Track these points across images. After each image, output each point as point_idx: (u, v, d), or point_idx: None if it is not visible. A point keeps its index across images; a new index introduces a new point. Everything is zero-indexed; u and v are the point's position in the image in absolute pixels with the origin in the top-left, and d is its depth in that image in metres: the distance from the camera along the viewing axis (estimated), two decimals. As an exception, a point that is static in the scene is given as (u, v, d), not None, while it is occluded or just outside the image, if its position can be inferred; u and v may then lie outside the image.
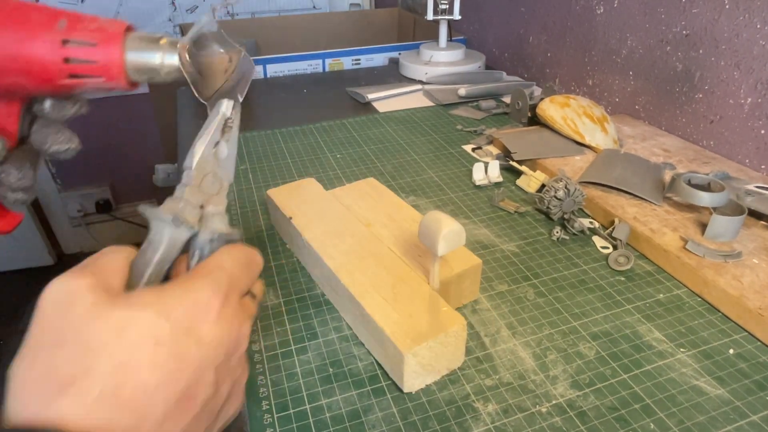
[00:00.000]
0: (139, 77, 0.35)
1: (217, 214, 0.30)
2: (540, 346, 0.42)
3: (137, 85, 0.35)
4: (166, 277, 0.27)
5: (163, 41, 0.35)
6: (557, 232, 0.55)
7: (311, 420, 0.36)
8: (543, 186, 0.62)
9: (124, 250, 0.26)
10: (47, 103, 0.36)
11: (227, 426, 0.30)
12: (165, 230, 0.27)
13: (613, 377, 0.39)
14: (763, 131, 0.63)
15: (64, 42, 0.32)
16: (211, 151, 0.31)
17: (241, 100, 0.35)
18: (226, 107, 0.32)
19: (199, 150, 0.30)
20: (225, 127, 0.33)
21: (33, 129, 0.37)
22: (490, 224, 0.58)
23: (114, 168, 1.89)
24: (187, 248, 0.28)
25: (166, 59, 0.35)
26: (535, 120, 0.76)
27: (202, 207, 0.29)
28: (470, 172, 0.68)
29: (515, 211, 0.59)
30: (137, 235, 2.02)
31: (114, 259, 0.25)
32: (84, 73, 0.33)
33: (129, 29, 0.34)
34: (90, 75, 0.34)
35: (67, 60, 0.33)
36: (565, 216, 0.57)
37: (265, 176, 0.68)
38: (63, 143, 0.37)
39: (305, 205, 0.52)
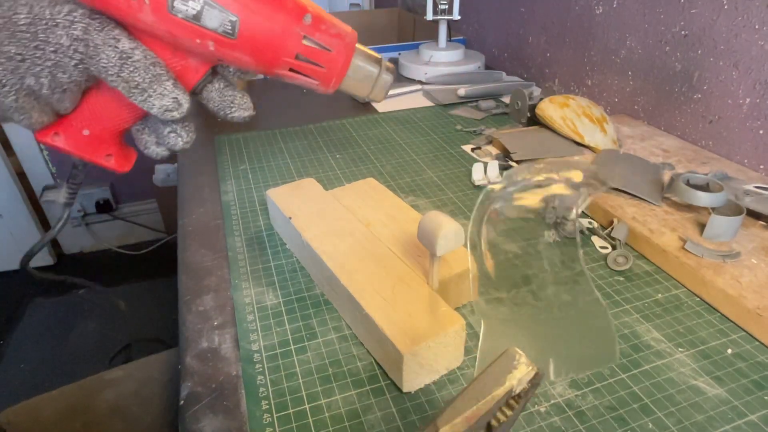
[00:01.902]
0: (346, 90, 0.36)
1: None
2: (539, 345, 0.42)
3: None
4: None
5: (382, 61, 0.35)
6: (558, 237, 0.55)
7: (311, 420, 0.36)
8: (542, 186, 0.62)
9: None
10: (233, 67, 0.35)
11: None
12: None
13: (611, 377, 0.39)
14: (761, 131, 0.64)
15: (304, 38, 0.31)
16: None
17: (551, 379, 0.29)
18: (521, 375, 0.21)
19: None
20: (508, 402, 0.21)
21: (212, 90, 0.35)
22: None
23: (114, 168, 1.89)
24: None
25: (380, 83, 0.35)
26: (534, 120, 0.77)
27: None
28: (470, 172, 0.68)
29: (514, 211, 0.60)
30: (137, 234, 2.02)
31: None
32: (304, 72, 0.33)
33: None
34: (308, 75, 0.33)
35: (297, 56, 0.32)
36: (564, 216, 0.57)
37: (265, 176, 0.69)
38: (246, 110, 0.36)
39: (305, 205, 0.52)
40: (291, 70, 0.33)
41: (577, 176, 0.28)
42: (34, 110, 0.31)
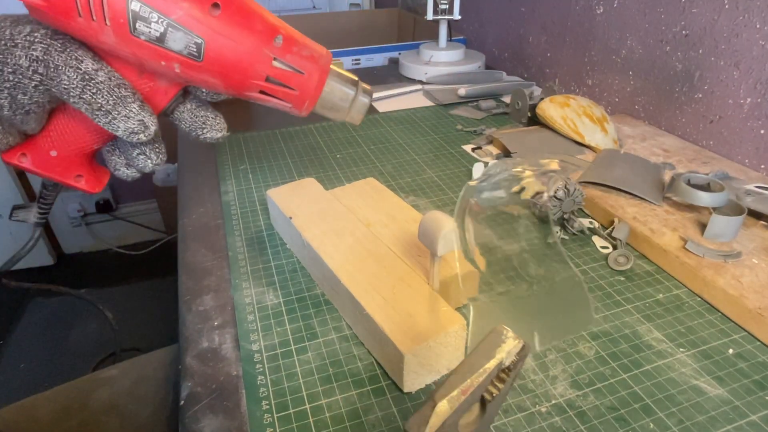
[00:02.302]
0: (321, 113, 0.35)
1: None
2: (540, 345, 0.42)
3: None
4: None
5: (360, 84, 0.35)
6: (557, 232, 0.55)
7: (311, 420, 0.36)
8: (543, 186, 0.62)
9: None
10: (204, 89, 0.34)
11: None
12: None
13: (612, 377, 0.39)
14: (762, 131, 0.63)
15: (274, 60, 0.31)
16: (459, 417, 0.21)
17: (538, 349, 0.29)
18: (509, 348, 0.22)
19: (439, 414, 0.21)
20: (498, 375, 0.22)
21: (184, 111, 0.34)
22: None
23: (114, 168, 1.89)
24: None
25: (356, 105, 0.34)
26: (534, 120, 0.77)
27: None
28: (470, 172, 0.68)
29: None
30: (137, 234, 2.02)
31: None
32: (275, 95, 0.32)
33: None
34: (279, 98, 0.32)
35: (267, 79, 0.31)
36: (564, 216, 0.57)
37: (265, 176, 0.68)
38: (219, 131, 0.35)
39: (305, 205, 0.52)
40: (262, 92, 0.32)
41: (553, 165, 0.29)
42: None
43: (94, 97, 0.29)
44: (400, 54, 1.13)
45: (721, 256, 0.48)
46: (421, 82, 1.02)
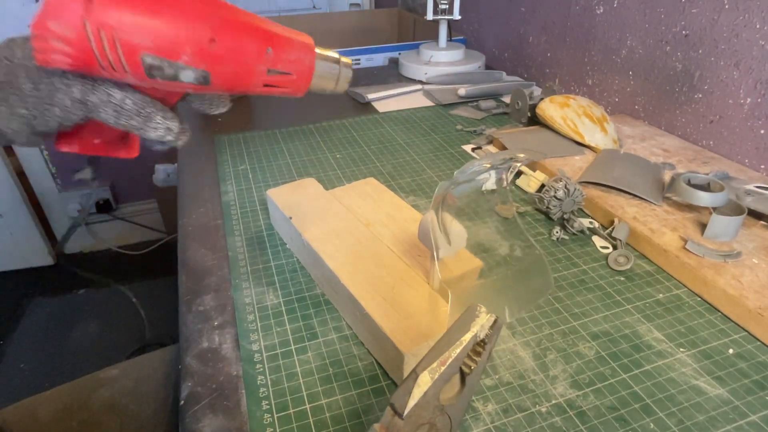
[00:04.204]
0: (314, 90, 0.42)
1: None
2: (540, 345, 0.42)
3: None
4: None
5: (340, 60, 0.42)
6: (557, 232, 0.55)
7: (311, 420, 0.36)
8: (543, 186, 0.62)
9: None
10: None
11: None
12: None
13: (612, 377, 0.39)
14: (762, 131, 0.64)
15: (268, 71, 0.38)
16: (438, 389, 0.22)
17: (509, 320, 0.32)
18: (483, 323, 0.24)
19: (422, 385, 0.21)
20: (473, 349, 0.24)
21: (194, 97, 0.41)
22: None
23: (114, 168, 1.89)
24: None
25: (342, 78, 0.42)
26: (534, 120, 0.77)
27: None
28: (470, 172, 0.68)
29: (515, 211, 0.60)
30: (137, 234, 2.02)
31: None
32: (273, 93, 0.40)
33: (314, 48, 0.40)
34: (277, 93, 0.40)
35: (265, 84, 0.38)
36: (564, 216, 0.57)
37: (265, 176, 0.68)
38: (225, 105, 0.43)
39: (305, 205, 0.52)
40: (265, 86, 0.39)
41: (519, 157, 0.31)
42: (41, 143, 0.38)
43: (127, 120, 0.35)
44: (400, 54, 1.13)
45: (721, 256, 0.48)
46: (421, 82, 1.02)
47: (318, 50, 0.41)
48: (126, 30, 0.32)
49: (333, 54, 0.42)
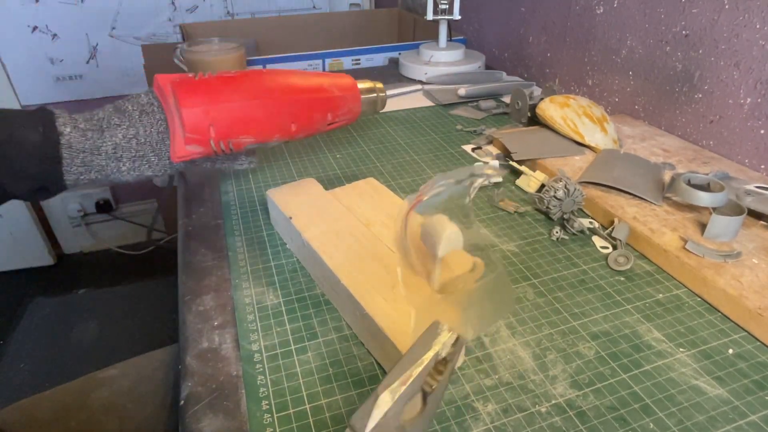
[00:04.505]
0: (363, 116, 0.56)
1: None
2: (539, 346, 0.42)
3: None
4: None
5: (375, 86, 0.57)
6: (557, 232, 0.55)
7: (311, 420, 0.36)
8: (543, 186, 0.62)
9: None
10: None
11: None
12: None
13: (612, 377, 0.39)
14: (762, 131, 0.64)
15: (329, 124, 0.52)
16: (401, 408, 0.21)
17: (471, 338, 0.32)
18: (444, 341, 0.23)
19: (382, 406, 0.20)
20: (436, 366, 0.23)
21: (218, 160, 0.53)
22: (490, 224, 0.58)
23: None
24: None
25: (380, 102, 0.57)
26: (534, 120, 0.77)
27: None
28: (470, 172, 0.68)
29: (515, 211, 0.60)
30: (137, 234, 2.02)
31: None
32: (334, 125, 0.53)
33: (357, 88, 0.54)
34: (337, 125, 0.53)
35: (328, 132, 0.56)
36: (564, 216, 0.57)
37: (265, 176, 0.68)
38: (245, 165, 0.54)
39: (305, 205, 0.52)
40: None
41: (484, 173, 0.31)
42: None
43: (221, 165, 0.53)
44: (400, 54, 1.13)
45: (721, 256, 0.48)
46: (421, 82, 1.02)
47: (360, 84, 0.54)
48: (240, 137, 0.47)
49: (369, 84, 0.56)
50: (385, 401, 0.21)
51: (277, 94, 0.48)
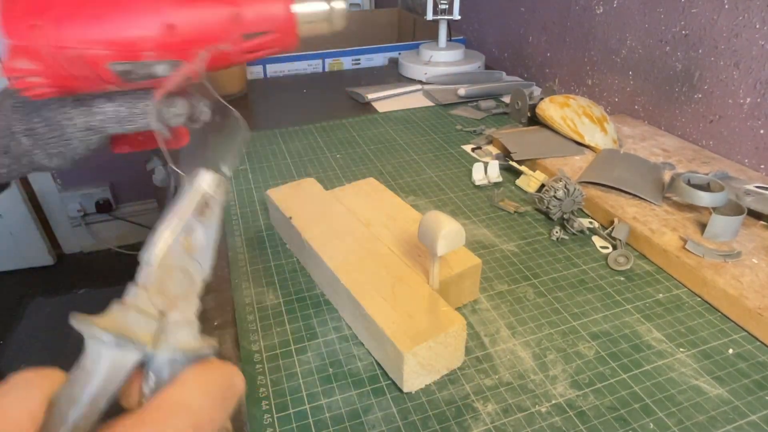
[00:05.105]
0: (309, 35, 0.37)
1: (183, 324, 0.23)
2: (539, 346, 0.42)
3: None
4: (111, 413, 0.20)
5: None
6: (557, 232, 0.55)
7: (311, 420, 0.36)
8: (542, 186, 0.62)
9: (39, 383, 0.18)
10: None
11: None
12: (104, 353, 0.20)
13: (612, 377, 0.39)
14: (762, 131, 0.63)
15: (244, 36, 0.33)
16: (181, 240, 0.24)
17: (229, 174, 0.30)
18: (207, 182, 0.25)
19: (165, 239, 0.23)
20: (204, 207, 0.25)
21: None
22: (490, 224, 0.58)
23: (114, 168, 1.88)
24: (141, 367, 0.21)
25: (335, 15, 0.38)
26: (534, 120, 0.77)
27: (162, 314, 0.23)
28: (470, 172, 0.68)
29: (515, 211, 0.60)
30: (137, 234, 2.02)
31: (18, 406, 0.17)
32: (260, 50, 0.35)
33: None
34: (266, 49, 0.35)
35: (248, 51, 0.34)
36: (564, 216, 0.57)
37: (265, 176, 0.68)
38: (205, 116, 0.40)
39: (305, 205, 0.52)
40: (248, 52, 0.35)
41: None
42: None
43: (132, 125, 0.36)
44: (400, 54, 1.13)
45: (721, 256, 0.48)
46: (420, 82, 1.02)
47: None
48: (80, 45, 0.31)
49: None
50: (165, 235, 0.23)
51: None
